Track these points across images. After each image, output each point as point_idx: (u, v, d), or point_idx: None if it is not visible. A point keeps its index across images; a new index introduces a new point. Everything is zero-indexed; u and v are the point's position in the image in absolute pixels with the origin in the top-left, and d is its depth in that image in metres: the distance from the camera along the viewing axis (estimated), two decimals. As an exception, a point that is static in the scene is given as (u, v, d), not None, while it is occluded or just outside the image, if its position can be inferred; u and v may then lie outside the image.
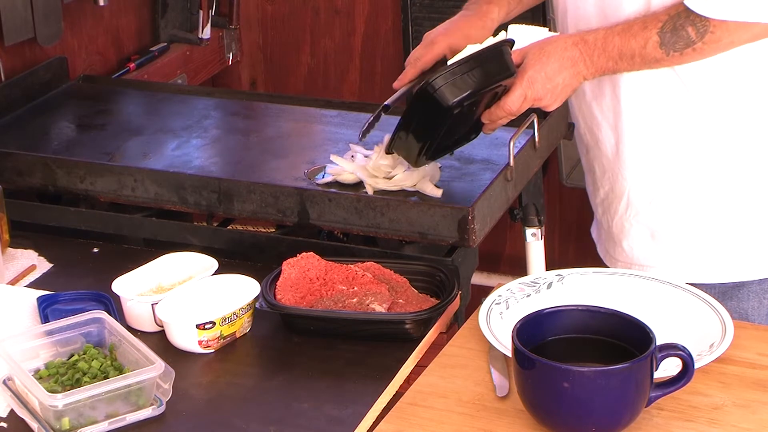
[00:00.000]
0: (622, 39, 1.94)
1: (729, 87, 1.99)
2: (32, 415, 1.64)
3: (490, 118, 2.01)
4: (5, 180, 2.17)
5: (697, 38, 1.91)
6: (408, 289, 1.90)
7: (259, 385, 1.75)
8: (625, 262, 2.16)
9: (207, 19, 3.13)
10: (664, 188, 2.08)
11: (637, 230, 2.12)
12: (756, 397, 1.66)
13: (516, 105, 1.97)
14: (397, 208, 1.99)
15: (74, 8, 2.74)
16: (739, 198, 2.06)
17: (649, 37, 1.93)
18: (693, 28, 1.90)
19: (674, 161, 2.06)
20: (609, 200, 2.16)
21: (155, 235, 2.14)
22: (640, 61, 1.95)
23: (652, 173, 2.08)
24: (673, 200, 2.08)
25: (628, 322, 1.62)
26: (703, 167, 2.05)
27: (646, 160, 2.08)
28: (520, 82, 1.96)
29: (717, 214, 2.07)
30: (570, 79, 1.98)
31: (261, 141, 2.36)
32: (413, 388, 1.71)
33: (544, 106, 2.00)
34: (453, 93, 1.93)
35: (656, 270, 2.10)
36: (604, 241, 2.23)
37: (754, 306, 2.10)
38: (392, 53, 3.33)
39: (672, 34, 1.92)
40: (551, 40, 2.00)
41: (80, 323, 1.77)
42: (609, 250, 2.20)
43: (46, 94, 2.57)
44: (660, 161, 2.07)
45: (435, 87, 1.93)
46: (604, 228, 2.20)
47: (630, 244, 2.14)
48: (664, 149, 2.06)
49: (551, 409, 1.57)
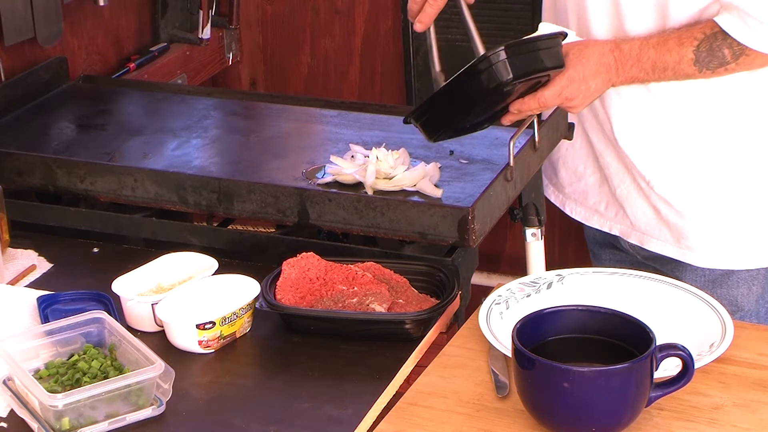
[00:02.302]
0: (657, 52, 1.98)
1: (729, 78, 2.01)
2: (32, 415, 1.64)
3: (520, 108, 2.00)
4: (5, 180, 2.17)
5: (732, 60, 1.96)
6: (408, 289, 1.90)
7: (259, 385, 1.75)
8: (627, 227, 2.19)
9: (207, 19, 3.13)
10: (659, 174, 2.10)
11: (643, 202, 2.14)
12: (756, 397, 1.66)
13: (551, 99, 1.98)
14: (397, 208, 1.99)
15: (74, 8, 2.74)
16: (733, 188, 2.08)
17: (684, 54, 1.96)
18: (729, 50, 1.95)
19: (669, 150, 2.08)
20: (614, 170, 2.17)
21: (155, 235, 2.14)
22: (672, 74, 1.99)
23: (647, 160, 2.10)
24: (668, 186, 2.10)
25: (628, 322, 1.62)
26: (699, 156, 2.07)
27: (640, 147, 2.10)
28: (561, 79, 1.97)
29: (711, 203, 2.10)
30: (601, 85, 2.00)
31: (261, 141, 2.36)
32: (413, 388, 1.71)
33: (571, 107, 2.01)
34: (509, 70, 1.91)
35: (656, 241, 2.14)
36: (595, 204, 2.24)
37: (743, 293, 2.13)
38: (392, 53, 3.33)
39: (708, 53, 1.96)
40: (590, 44, 2.01)
41: (80, 323, 1.77)
42: (607, 213, 2.22)
43: (46, 94, 2.57)
44: (654, 149, 2.09)
45: (492, 61, 1.91)
46: (602, 191, 2.21)
47: (635, 212, 2.17)
48: (659, 137, 2.08)
49: (551, 409, 1.57)
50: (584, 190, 2.26)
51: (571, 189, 2.29)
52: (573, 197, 2.29)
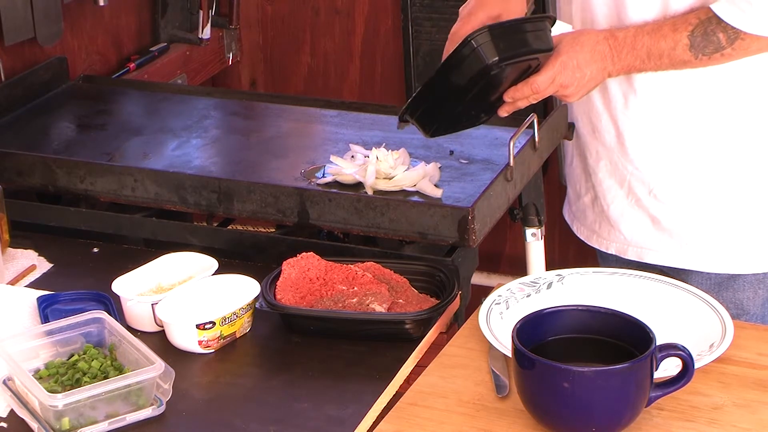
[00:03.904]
0: (652, 39, 1.96)
1: (733, 80, 2.01)
2: (32, 415, 1.64)
3: (513, 96, 1.99)
4: (5, 180, 2.17)
5: (727, 44, 1.94)
6: (408, 289, 1.90)
7: (259, 385, 1.75)
8: (622, 244, 2.17)
9: (207, 19, 3.13)
10: (664, 179, 2.09)
11: (638, 216, 2.13)
12: (756, 397, 1.66)
13: (544, 85, 1.96)
14: (397, 208, 1.99)
15: (74, 8, 2.74)
16: (738, 192, 2.07)
17: (679, 40, 1.95)
18: (724, 34, 1.93)
19: (675, 154, 2.07)
20: (606, 186, 2.16)
21: (155, 235, 2.14)
22: (668, 62, 1.97)
23: (653, 165, 2.09)
24: (673, 191, 2.09)
25: (628, 322, 1.62)
26: (704, 160, 2.06)
27: (647, 152, 2.09)
28: (552, 65, 1.96)
29: (716, 207, 2.08)
30: (596, 73, 1.98)
31: (261, 141, 2.36)
32: (413, 388, 1.71)
33: (567, 95, 2.00)
34: (494, 52, 1.90)
35: (654, 253, 2.12)
36: (591, 224, 2.22)
37: (749, 296, 2.12)
38: (392, 53, 3.33)
39: (702, 38, 1.94)
40: (584, 32, 2.01)
41: (80, 323, 1.77)
42: (601, 233, 2.20)
43: (46, 94, 2.57)
44: (661, 154, 2.08)
45: (477, 43, 1.90)
46: (596, 211, 2.20)
47: (630, 228, 2.15)
48: (666, 142, 2.07)
49: (551, 409, 1.57)
50: (583, 210, 2.25)
51: (575, 207, 2.28)
52: (577, 216, 2.28)
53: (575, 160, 2.24)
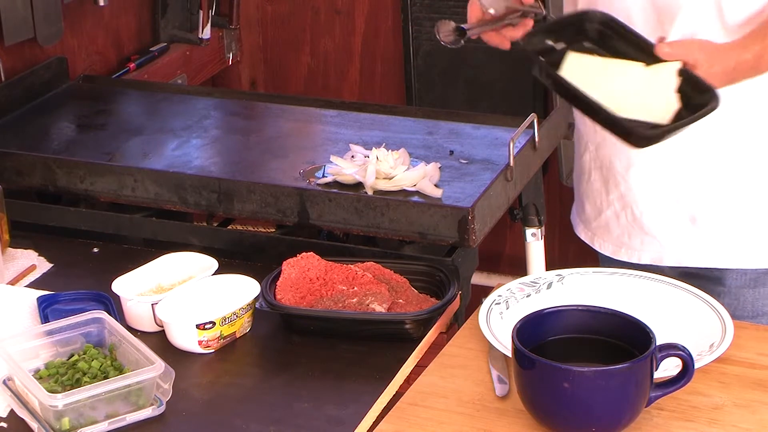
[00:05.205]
0: None
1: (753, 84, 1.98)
2: (32, 415, 1.64)
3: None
4: (5, 180, 2.17)
5: None
6: (408, 289, 1.90)
7: (259, 385, 1.75)
8: (657, 252, 2.12)
9: (207, 19, 3.13)
10: (700, 176, 2.05)
11: (676, 217, 2.09)
12: (756, 397, 1.66)
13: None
14: (397, 208, 1.99)
15: (74, 8, 2.74)
16: None
17: None
18: None
19: (713, 149, 2.03)
20: (639, 192, 2.11)
21: (155, 235, 2.14)
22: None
23: (692, 162, 2.06)
24: (711, 187, 2.05)
25: (628, 322, 1.62)
26: (741, 154, 2.02)
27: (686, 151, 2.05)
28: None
29: (753, 201, 2.06)
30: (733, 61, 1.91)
31: (261, 141, 2.36)
32: (413, 388, 1.71)
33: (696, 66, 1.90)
34: None
35: (693, 256, 2.09)
36: (619, 237, 2.16)
37: None
38: (392, 53, 3.33)
39: None
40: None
41: (80, 323, 1.77)
42: (632, 244, 2.15)
43: (46, 94, 2.57)
44: (699, 150, 2.04)
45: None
46: (623, 223, 2.16)
47: (668, 231, 2.10)
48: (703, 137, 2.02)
49: (551, 409, 1.57)
50: (606, 224, 2.19)
51: (596, 224, 2.23)
52: (598, 233, 2.23)
53: (593, 174, 2.19)
